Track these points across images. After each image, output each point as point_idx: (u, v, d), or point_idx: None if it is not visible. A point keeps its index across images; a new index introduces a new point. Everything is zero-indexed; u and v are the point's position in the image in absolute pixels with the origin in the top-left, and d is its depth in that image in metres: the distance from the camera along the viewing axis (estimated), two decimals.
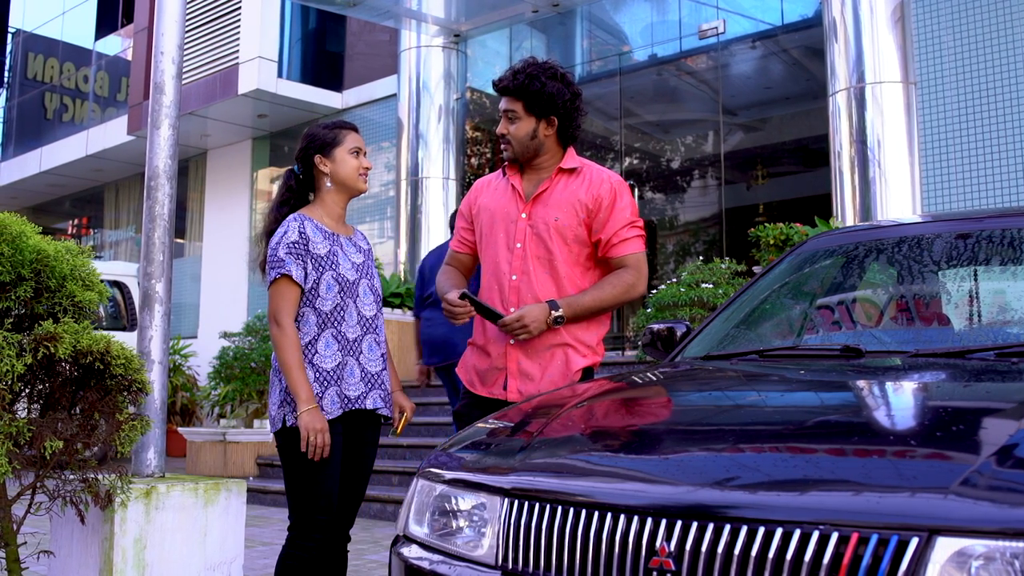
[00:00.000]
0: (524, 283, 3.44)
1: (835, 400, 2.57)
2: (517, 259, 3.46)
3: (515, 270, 3.46)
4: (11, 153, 20.93)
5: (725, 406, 2.61)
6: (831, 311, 3.49)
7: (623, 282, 3.43)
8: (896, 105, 8.71)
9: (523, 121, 3.46)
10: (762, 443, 2.18)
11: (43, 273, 3.29)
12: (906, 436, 2.15)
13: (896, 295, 3.44)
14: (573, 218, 3.43)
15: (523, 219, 3.48)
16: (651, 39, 12.55)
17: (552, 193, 3.48)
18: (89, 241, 21.14)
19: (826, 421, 2.32)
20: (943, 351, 2.81)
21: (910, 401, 2.48)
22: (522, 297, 3.43)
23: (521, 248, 3.46)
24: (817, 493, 1.86)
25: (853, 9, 8.87)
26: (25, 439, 3.23)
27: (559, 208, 3.44)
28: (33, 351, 3.20)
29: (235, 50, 14.18)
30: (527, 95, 3.42)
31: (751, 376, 2.92)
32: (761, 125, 13.50)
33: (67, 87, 20.45)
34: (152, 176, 3.87)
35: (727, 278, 7.46)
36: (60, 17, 20.80)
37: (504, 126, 3.49)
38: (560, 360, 3.41)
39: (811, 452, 2.09)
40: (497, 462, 2.37)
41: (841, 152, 8.80)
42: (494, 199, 3.58)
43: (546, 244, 3.43)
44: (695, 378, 3.00)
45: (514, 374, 3.44)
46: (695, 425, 2.46)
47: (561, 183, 3.49)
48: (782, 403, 2.57)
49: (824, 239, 3.82)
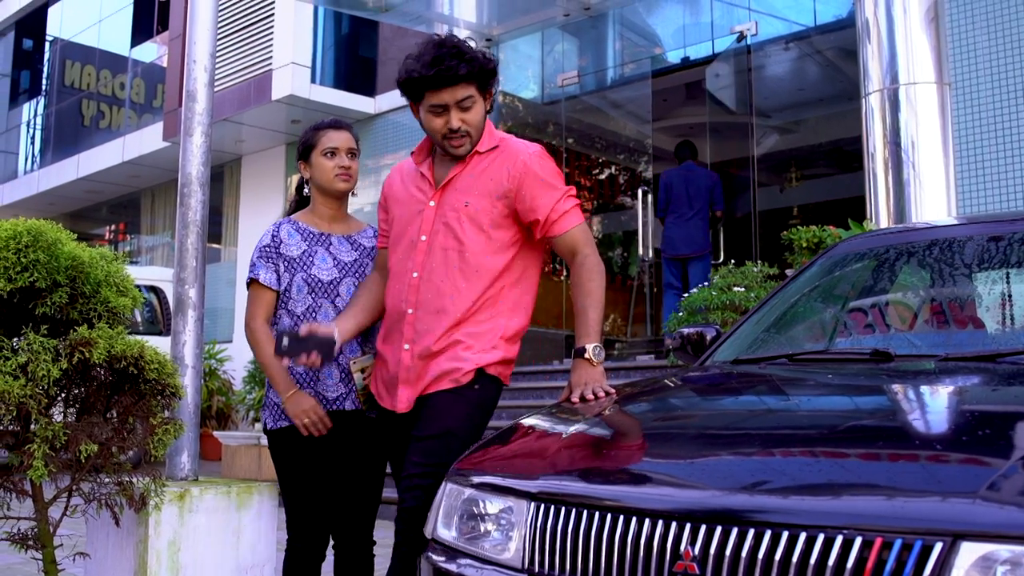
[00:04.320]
0: (425, 281, 3.10)
1: (862, 404, 2.57)
2: (420, 254, 3.12)
3: (416, 266, 3.12)
4: (49, 160, 21.16)
5: (752, 410, 2.61)
6: (861, 315, 3.47)
7: (597, 270, 3.11)
8: (930, 106, 8.63)
9: (478, 103, 3.09)
10: (788, 447, 2.18)
11: (78, 279, 3.33)
12: (932, 440, 2.15)
13: (927, 298, 3.42)
14: (486, 201, 3.09)
15: (430, 208, 3.14)
16: (683, 41, 12.52)
17: (463, 176, 3.14)
18: (126, 246, 21.33)
19: (852, 426, 2.31)
20: (973, 355, 2.79)
21: (937, 405, 2.47)
22: (421, 296, 3.10)
23: (426, 242, 3.12)
24: (841, 498, 1.86)
25: (886, 10, 8.81)
26: (61, 443, 3.28)
27: (470, 192, 3.10)
28: (68, 356, 3.24)
29: (269, 56, 14.28)
30: (483, 76, 3.07)
31: (779, 380, 2.92)
32: (794, 127, 13.43)
33: (104, 94, 20.66)
34: (185, 183, 3.92)
35: (759, 281, 7.43)
36: (96, 25, 21.02)
37: (457, 117, 3.05)
38: (447, 360, 3.07)
39: (836, 456, 2.09)
40: (524, 466, 2.39)
41: (875, 154, 8.74)
42: (404, 188, 3.27)
43: (456, 234, 3.08)
44: (722, 382, 3.00)
45: (404, 381, 3.13)
46: (721, 429, 2.46)
47: (474, 163, 3.14)
48: (809, 407, 2.57)
49: (854, 242, 3.81)
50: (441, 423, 3.02)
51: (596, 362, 2.99)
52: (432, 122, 3.09)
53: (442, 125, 3.07)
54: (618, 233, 14.88)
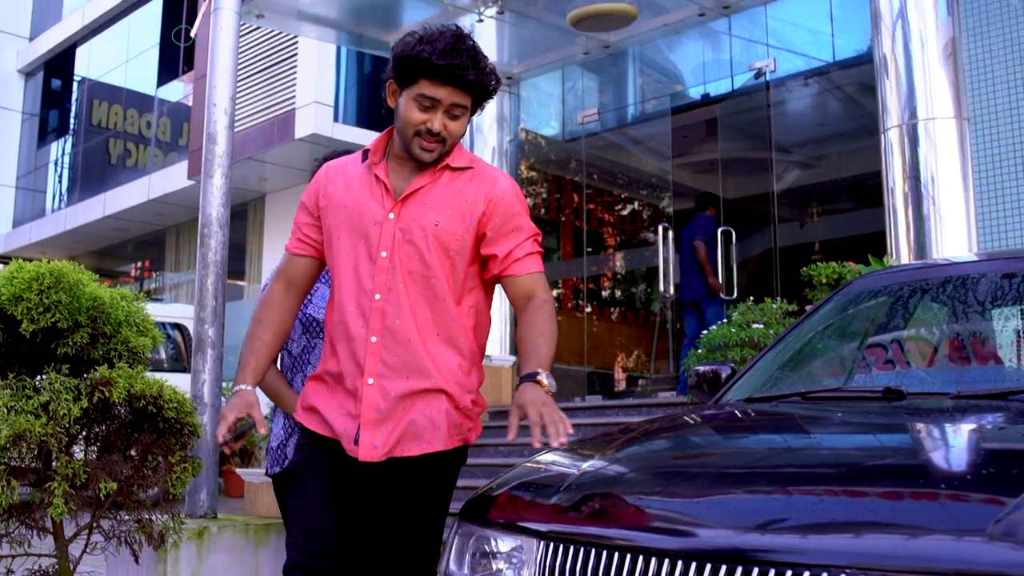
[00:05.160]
0: (392, 304, 2.72)
1: (872, 443, 2.58)
2: (382, 272, 2.72)
3: (379, 287, 2.72)
4: (76, 198, 21.41)
5: (762, 449, 2.62)
6: (875, 352, 3.48)
7: (551, 314, 2.82)
8: (950, 141, 8.63)
9: (466, 116, 2.78)
10: (797, 486, 2.19)
11: (99, 319, 3.39)
12: (940, 479, 2.15)
13: (940, 335, 3.43)
14: (460, 224, 2.76)
15: (390, 220, 2.75)
16: (702, 78, 12.58)
17: (433, 191, 2.78)
18: (151, 283, 21.51)
19: (861, 464, 2.32)
20: (985, 392, 2.80)
21: (948, 443, 2.48)
22: (388, 322, 2.72)
23: (387, 259, 2.73)
24: (849, 537, 1.87)
25: (904, 45, 8.84)
26: (81, 480, 3.32)
27: (441, 210, 2.76)
28: (89, 395, 3.29)
29: (291, 96, 14.44)
30: (482, 91, 2.77)
31: (790, 419, 2.93)
32: (814, 162, 13.45)
33: (130, 133, 20.91)
34: (205, 224, 3.98)
35: (778, 318, 7.43)
36: (123, 65, 21.31)
37: (441, 121, 2.72)
38: (437, 411, 2.76)
39: (845, 495, 2.10)
40: (534, 504, 2.41)
41: (894, 189, 8.73)
42: (350, 192, 2.82)
43: (422, 256, 2.74)
44: (734, 420, 3.01)
45: (369, 425, 2.73)
46: (731, 468, 2.47)
47: (446, 179, 2.80)
48: (819, 446, 2.58)
49: (868, 280, 3.82)
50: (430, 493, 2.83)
51: (547, 388, 2.62)
52: (412, 113, 2.72)
53: (422, 121, 2.72)
54: (640, 269, 14.90)
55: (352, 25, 11.57)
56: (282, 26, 11.89)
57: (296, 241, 2.92)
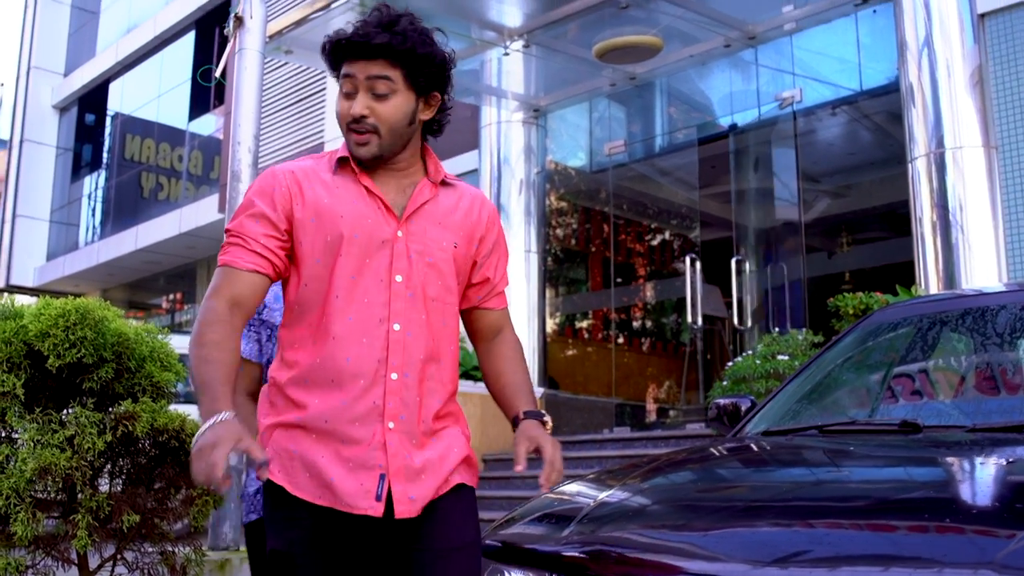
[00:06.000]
0: (416, 338, 2.30)
1: (887, 477, 2.59)
2: (400, 300, 2.29)
3: (397, 316, 2.28)
4: (109, 231, 21.68)
5: (775, 483, 2.63)
6: (892, 385, 3.48)
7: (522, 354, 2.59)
8: (978, 170, 8.61)
9: (399, 96, 2.29)
10: (808, 521, 2.21)
11: (124, 355, 3.45)
12: (950, 511, 2.16)
13: (958, 368, 3.42)
14: (470, 246, 2.43)
15: (400, 239, 2.31)
16: (729, 108, 12.60)
17: (438, 208, 2.40)
18: (183, 316, 21.70)
19: (873, 499, 2.33)
20: (1001, 425, 2.80)
21: (962, 477, 2.48)
22: (411, 357, 2.28)
23: (403, 284, 2.30)
24: (861, 569, 1.88)
25: (930, 74, 8.84)
26: (104, 513, 3.37)
27: (455, 230, 2.40)
28: (113, 429, 3.34)
29: (320, 129, 14.60)
30: (412, 59, 2.29)
31: (805, 453, 2.94)
32: (843, 192, 13.42)
33: (162, 166, 21.18)
34: None
35: (803, 349, 7.41)
36: (156, 100, 21.62)
37: (364, 103, 2.28)
38: (451, 440, 2.38)
39: (855, 530, 2.11)
40: (545, 537, 2.43)
41: (923, 218, 8.71)
42: (342, 202, 2.32)
43: (444, 280, 2.37)
44: (750, 454, 3.02)
45: (400, 475, 2.23)
46: (742, 502, 2.48)
47: (444, 195, 2.43)
48: (833, 480, 2.59)
49: (888, 312, 3.84)
50: (466, 532, 2.37)
51: (549, 429, 2.41)
52: (339, 106, 2.34)
53: (346, 110, 2.31)
54: (671, 300, 14.89)
55: None
56: (310, 62, 12.04)
57: (252, 255, 2.30)
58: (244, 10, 5.29)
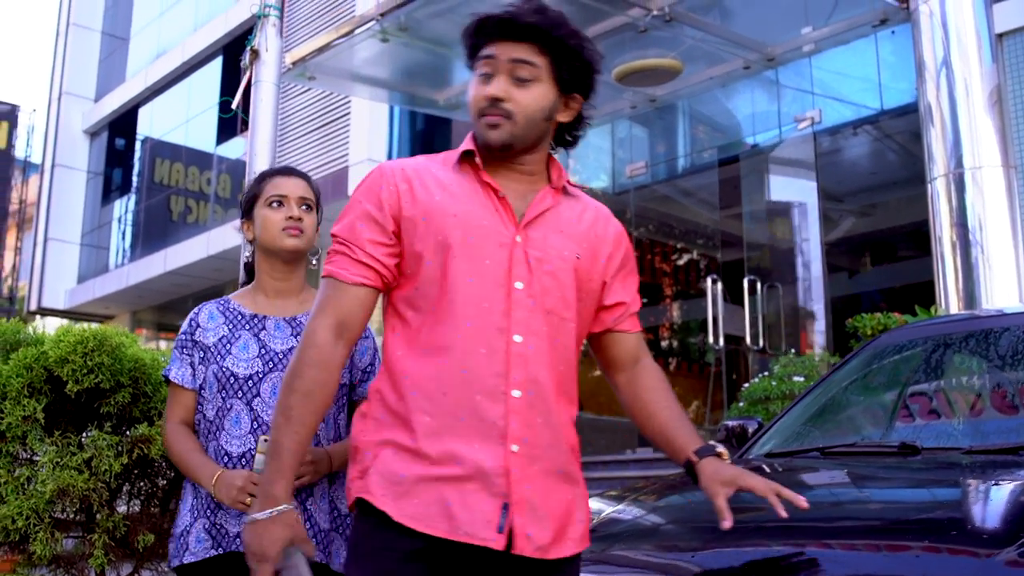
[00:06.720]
0: (537, 352, 2.03)
1: (883, 498, 2.63)
2: (521, 309, 2.02)
3: (519, 327, 2.02)
4: (138, 254, 21.91)
5: (768, 505, 2.68)
6: (895, 407, 3.52)
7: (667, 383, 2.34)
8: (997, 189, 8.59)
9: (541, 86, 2.08)
10: (806, 541, 2.25)
11: (140, 380, 3.52)
12: (943, 532, 2.20)
13: (958, 389, 3.46)
14: (594, 262, 2.18)
15: (518, 244, 2.06)
16: (751, 129, 12.65)
17: (559, 216, 2.16)
18: None
19: (870, 519, 2.38)
20: (998, 447, 2.84)
21: (958, 497, 2.52)
22: (531, 373, 2.01)
23: (524, 291, 2.04)
24: None
25: (949, 94, 8.84)
26: (121, 533, 3.45)
27: (579, 241, 2.16)
28: (129, 452, 3.42)
29: (345, 153, 14.73)
30: (561, 49, 2.08)
31: (806, 475, 2.98)
32: (864, 212, 13.41)
33: (191, 190, 21.39)
34: None
35: (819, 370, 7.43)
36: (184, 124, 21.86)
37: (502, 86, 2.07)
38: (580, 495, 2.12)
39: (848, 550, 2.16)
40: None
41: (942, 238, 8.70)
42: (457, 200, 2.09)
43: (563, 292, 2.10)
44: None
45: (522, 506, 1.96)
46: (737, 523, 2.53)
47: (567, 205, 2.20)
48: (830, 501, 2.63)
49: (895, 334, 3.88)
50: None
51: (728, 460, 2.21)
52: (474, 90, 2.12)
53: (481, 92, 2.10)
54: (695, 320, 14.90)
55: (403, 85, 11.80)
56: (333, 87, 12.17)
57: (357, 266, 2.08)
58: (260, 43, 5.38)
